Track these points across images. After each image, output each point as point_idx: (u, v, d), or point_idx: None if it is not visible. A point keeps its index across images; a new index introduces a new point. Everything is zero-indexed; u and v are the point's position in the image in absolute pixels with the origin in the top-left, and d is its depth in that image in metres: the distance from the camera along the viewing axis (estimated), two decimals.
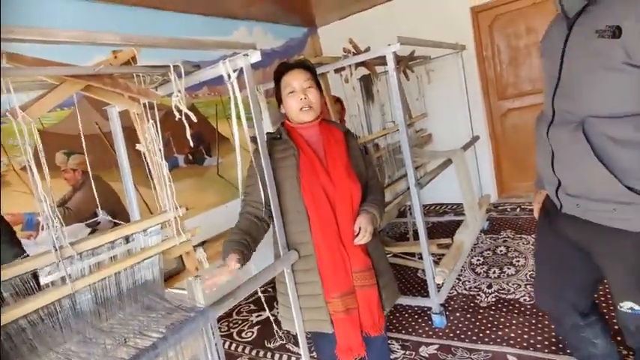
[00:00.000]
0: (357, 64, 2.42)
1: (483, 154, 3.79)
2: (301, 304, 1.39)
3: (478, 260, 2.83)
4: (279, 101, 1.48)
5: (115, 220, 2.02)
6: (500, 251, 2.90)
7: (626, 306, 1.07)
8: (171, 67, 1.28)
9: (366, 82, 2.96)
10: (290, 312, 1.40)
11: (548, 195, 1.22)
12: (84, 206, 2.32)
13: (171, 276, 1.35)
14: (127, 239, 1.19)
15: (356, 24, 4.13)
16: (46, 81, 1.13)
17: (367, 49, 2.37)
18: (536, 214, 1.36)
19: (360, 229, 1.33)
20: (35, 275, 1.02)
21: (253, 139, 1.37)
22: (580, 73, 0.98)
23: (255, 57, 1.31)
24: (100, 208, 2.29)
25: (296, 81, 1.38)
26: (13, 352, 0.94)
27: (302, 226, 1.35)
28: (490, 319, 2.12)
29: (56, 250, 1.03)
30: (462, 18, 3.65)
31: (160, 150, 1.29)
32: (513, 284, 2.41)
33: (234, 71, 1.30)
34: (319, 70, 2.15)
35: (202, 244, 1.57)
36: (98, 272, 1.08)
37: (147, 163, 1.36)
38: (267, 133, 1.50)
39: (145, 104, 1.33)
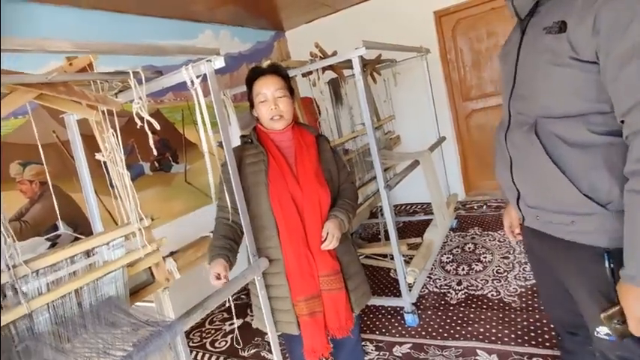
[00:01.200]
0: (325, 68, 2.44)
1: (450, 154, 3.89)
2: (272, 305, 1.41)
3: (448, 258, 2.90)
4: (252, 105, 1.48)
5: (76, 235, 1.93)
6: (469, 248, 2.98)
7: (602, 332, 0.93)
8: (131, 73, 1.24)
9: (334, 86, 2.98)
10: (262, 314, 1.40)
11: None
12: (42, 219, 2.20)
13: (140, 289, 1.31)
14: (87, 254, 1.14)
15: (323, 28, 4.16)
16: None
17: (334, 53, 2.38)
18: (506, 230, 1.25)
19: (327, 234, 1.34)
20: None
21: (221, 145, 1.35)
22: (531, 72, 0.96)
23: (219, 63, 1.29)
24: (60, 221, 2.18)
25: (267, 89, 1.39)
26: None
27: (271, 231, 1.37)
28: (460, 315, 2.18)
29: (9, 269, 0.97)
30: (426, 22, 3.75)
31: (121, 159, 1.24)
32: (481, 280, 2.49)
33: (198, 77, 1.27)
34: None
35: (172, 254, 1.53)
36: (56, 290, 1.03)
37: (107, 173, 1.30)
38: (241, 137, 1.53)
39: (104, 112, 1.28)
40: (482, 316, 2.12)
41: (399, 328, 2.18)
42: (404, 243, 2.93)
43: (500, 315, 2.09)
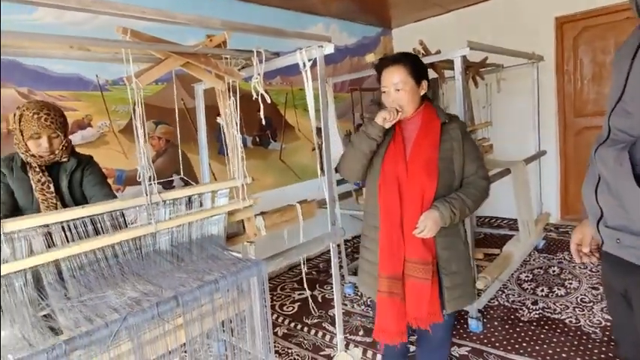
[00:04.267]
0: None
1: (549, 170, 3.63)
2: (366, 268, 1.49)
3: (527, 277, 2.75)
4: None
5: (188, 184, 2.28)
6: (553, 271, 2.79)
7: None
8: (255, 52, 1.46)
9: (433, 85, 2.99)
10: (365, 276, 1.50)
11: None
12: (163, 170, 2.63)
13: (233, 237, 1.54)
14: (200, 198, 1.39)
15: (430, 27, 4.14)
16: (154, 55, 1.35)
17: (437, 52, 2.41)
18: (572, 247, 1.15)
19: (421, 223, 1.34)
20: (123, 215, 1.25)
21: (318, 131, 1.52)
22: None
23: (329, 49, 1.45)
24: (176, 173, 2.59)
25: (388, 81, 1.41)
26: (108, 271, 1.17)
27: (376, 199, 1.44)
28: (530, 333, 2.09)
29: (147, 195, 1.25)
30: (545, 28, 3.52)
31: (236, 123, 1.48)
32: (561, 305, 2.34)
33: (309, 60, 1.45)
34: None
35: (261, 214, 1.75)
36: (177, 219, 1.29)
37: (223, 134, 1.56)
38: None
39: (228, 84, 1.53)
40: (555, 340, 2.01)
41: (461, 331, 2.17)
42: (480, 251, 2.85)
43: (576, 342, 1.97)
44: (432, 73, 2.77)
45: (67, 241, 1.11)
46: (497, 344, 2.03)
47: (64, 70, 2.25)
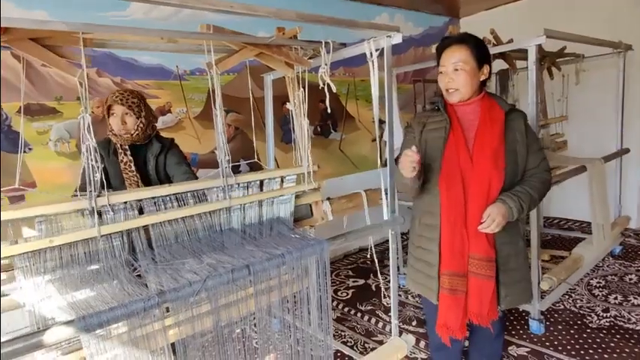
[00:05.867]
0: (495, 56, 2.38)
1: (631, 171, 3.33)
2: (419, 267, 1.45)
3: (599, 282, 2.58)
4: None
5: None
6: (630, 279, 2.58)
7: None
8: (323, 42, 1.52)
9: (503, 77, 2.86)
10: (414, 274, 1.48)
11: None
12: (232, 155, 2.80)
13: (300, 219, 1.62)
14: (270, 183, 1.49)
15: (503, 15, 3.94)
16: (229, 47, 1.46)
17: (510, 42, 2.31)
18: None
19: (488, 217, 1.27)
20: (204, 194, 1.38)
21: (380, 122, 1.55)
22: None
23: (397, 39, 1.47)
24: (243, 158, 2.75)
25: (447, 61, 1.35)
26: (189, 242, 1.31)
27: (435, 197, 1.37)
28: (598, 340, 1.97)
29: (223, 177, 1.37)
30: (633, 14, 3.20)
31: (304, 111, 1.55)
32: (637, 315, 2.17)
33: (376, 50, 1.48)
34: None
35: (328, 199, 1.81)
36: (249, 196, 1.40)
37: (292, 120, 1.64)
38: (430, 103, 1.50)
39: (297, 74, 1.61)
40: (627, 350, 1.88)
41: (521, 332, 2.10)
42: (547, 253, 2.71)
43: None
44: (502, 64, 2.68)
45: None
46: (559, 348, 1.94)
47: (150, 62, 2.48)
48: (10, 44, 1.08)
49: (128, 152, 1.59)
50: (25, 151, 2.14)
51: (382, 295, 2.61)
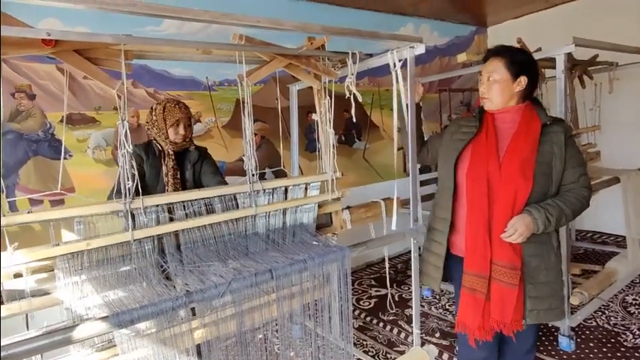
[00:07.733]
0: None
1: None
2: (428, 259, 1.52)
3: (635, 300, 2.46)
4: None
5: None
6: None
7: None
8: (350, 53, 1.56)
9: None
10: (424, 266, 1.55)
11: None
12: (256, 163, 2.86)
13: (320, 227, 1.65)
14: (294, 190, 1.52)
15: (531, 24, 3.88)
16: (259, 57, 1.52)
17: (538, 50, 2.28)
18: None
19: (511, 227, 1.29)
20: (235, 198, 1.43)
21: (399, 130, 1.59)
22: None
23: (420, 50, 1.49)
24: (269, 167, 2.81)
25: (484, 72, 1.43)
26: (215, 246, 1.35)
27: (448, 192, 1.45)
28: None
29: (250, 183, 1.42)
30: None
31: (330, 120, 1.59)
32: None
33: (400, 61, 1.50)
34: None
35: (347, 208, 1.83)
36: (274, 204, 1.44)
37: (317, 129, 1.68)
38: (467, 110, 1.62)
39: (324, 84, 1.65)
40: None
41: (549, 348, 2.03)
42: (578, 267, 2.62)
43: None
44: None
45: (187, 217, 1.32)
46: None
47: (181, 73, 2.59)
48: (57, 56, 1.16)
49: (175, 160, 1.69)
50: (65, 158, 2.27)
51: (399, 304, 2.58)
